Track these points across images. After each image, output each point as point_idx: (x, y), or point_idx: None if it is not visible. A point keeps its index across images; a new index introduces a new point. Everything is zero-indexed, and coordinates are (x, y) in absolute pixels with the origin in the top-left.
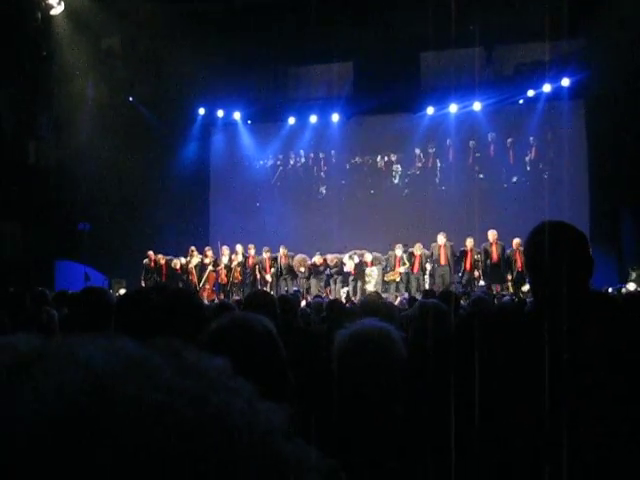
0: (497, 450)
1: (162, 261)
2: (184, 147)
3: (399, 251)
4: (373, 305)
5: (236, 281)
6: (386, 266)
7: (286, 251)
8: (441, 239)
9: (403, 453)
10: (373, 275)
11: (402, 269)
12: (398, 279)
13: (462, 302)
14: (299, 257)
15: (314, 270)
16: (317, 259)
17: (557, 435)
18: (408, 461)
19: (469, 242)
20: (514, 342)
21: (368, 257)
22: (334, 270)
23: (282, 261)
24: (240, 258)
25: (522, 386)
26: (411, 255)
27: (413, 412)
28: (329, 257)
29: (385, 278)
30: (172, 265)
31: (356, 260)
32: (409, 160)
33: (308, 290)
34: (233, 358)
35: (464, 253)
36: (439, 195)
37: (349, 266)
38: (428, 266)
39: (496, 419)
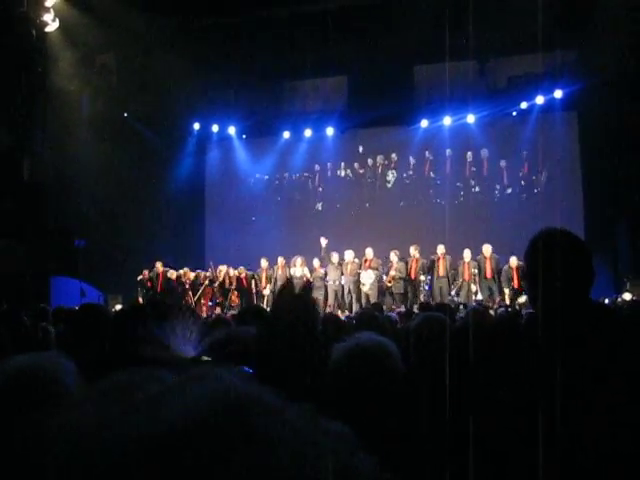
0: (494, 464)
1: (160, 269)
2: (179, 162)
3: (394, 256)
4: (369, 319)
5: (234, 304)
6: (383, 274)
7: (284, 262)
8: (441, 250)
9: (401, 468)
10: (368, 277)
11: (393, 273)
12: (390, 284)
13: (458, 314)
14: (297, 258)
15: (314, 284)
16: (315, 262)
17: (555, 448)
18: (405, 476)
19: (466, 253)
20: (509, 355)
21: (369, 253)
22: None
23: (279, 272)
24: (233, 278)
25: (518, 400)
26: (406, 263)
27: (411, 426)
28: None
29: (383, 284)
30: (168, 275)
31: (356, 260)
32: (404, 172)
33: None
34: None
35: (434, 262)
36: (434, 207)
37: (348, 258)
38: (422, 277)
39: (492, 433)
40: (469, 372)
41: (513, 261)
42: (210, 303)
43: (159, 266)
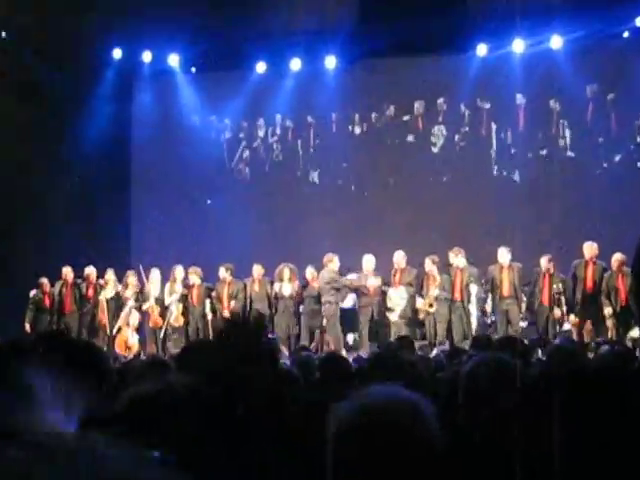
0: None
1: (69, 277)
2: (91, 111)
3: (431, 266)
4: (392, 362)
5: (177, 325)
6: (416, 292)
7: (262, 272)
8: (504, 256)
9: None
10: (399, 300)
11: (436, 292)
12: (432, 309)
13: (535, 355)
14: (284, 268)
15: (306, 297)
16: (310, 273)
17: None
18: None
19: (544, 262)
20: (618, 421)
21: (400, 259)
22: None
23: (255, 288)
24: (179, 287)
25: None
26: (449, 271)
27: None
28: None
29: (418, 309)
30: (81, 290)
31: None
32: (450, 128)
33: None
34: (156, 443)
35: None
36: (498, 183)
37: (367, 267)
38: (474, 289)
39: None
40: (554, 447)
41: (617, 260)
42: (137, 335)
43: (67, 273)
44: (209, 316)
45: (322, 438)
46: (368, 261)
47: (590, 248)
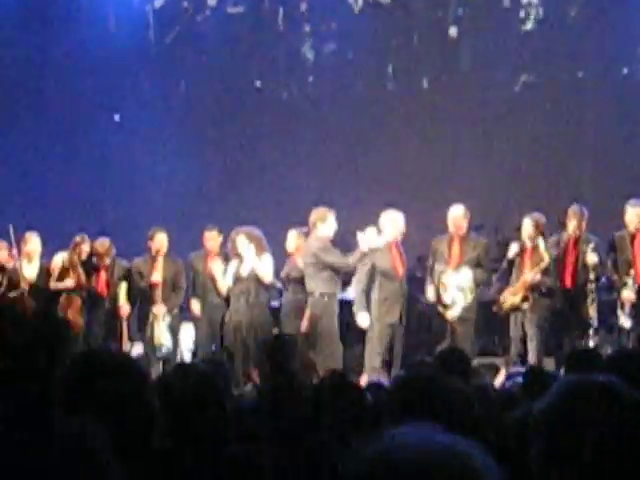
0: None
1: None
2: None
3: (533, 232)
4: (425, 392)
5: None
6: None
7: (220, 241)
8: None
9: None
10: (457, 290)
11: (537, 277)
12: (525, 305)
13: None
14: (239, 237)
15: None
16: (294, 239)
17: None
18: None
19: None
20: None
21: (460, 217)
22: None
23: (201, 266)
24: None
25: None
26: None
27: None
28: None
29: (502, 304)
30: None
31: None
32: None
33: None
34: None
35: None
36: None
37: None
38: (592, 258)
39: None
40: None
41: None
42: None
43: None
44: (124, 309)
45: None
46: (391, 222)
47: None
